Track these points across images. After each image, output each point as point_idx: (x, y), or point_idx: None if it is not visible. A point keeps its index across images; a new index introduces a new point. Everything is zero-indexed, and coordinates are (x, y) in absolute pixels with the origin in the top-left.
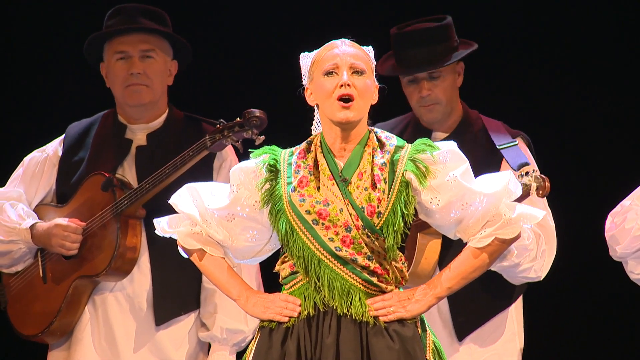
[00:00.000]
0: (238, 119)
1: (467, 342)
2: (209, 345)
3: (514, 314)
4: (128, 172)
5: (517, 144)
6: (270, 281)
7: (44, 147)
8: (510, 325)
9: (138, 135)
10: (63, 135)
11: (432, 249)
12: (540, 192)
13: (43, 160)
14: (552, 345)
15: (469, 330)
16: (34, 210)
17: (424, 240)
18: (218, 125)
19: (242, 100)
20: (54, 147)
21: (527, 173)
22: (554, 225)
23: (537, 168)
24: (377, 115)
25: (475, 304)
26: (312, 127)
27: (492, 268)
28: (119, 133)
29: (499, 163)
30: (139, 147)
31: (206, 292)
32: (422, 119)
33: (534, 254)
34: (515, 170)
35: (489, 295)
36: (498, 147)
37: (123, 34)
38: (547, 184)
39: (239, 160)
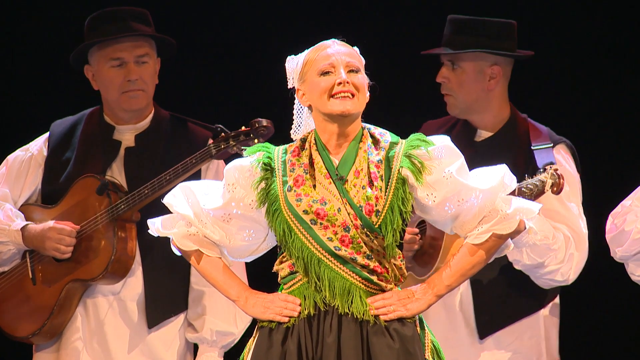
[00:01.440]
0: (244, 127)
1: (490, 343)
2: (194, 346)
3: (543, 320)
4: (117, 173)
5: (551, 147)
6: (269, 281)
7: (27, 145)
8: (538, 330)
9: (126, 136)
10: (47, 134)
11: (458, 245)
12: (555, 188)
13: (28, 160)
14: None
15: (492, 330)
16: (19, 210)
17: (450, 237)
18: (223, 134)
19: (236, 104)
20: (39, 146)
21: (544, 169)
22: (586, 232)
23: (572, 174)
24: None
25: (501, 304)
26: (291, 132)
27: (517, 267)
28: (106, 134)
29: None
30: (127, 148)
31: (195, 294)
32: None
33: (562, 257)
34: (539, 169)
35: (517, 297)
36: (532, 148)
37: (118, 41)
38: (562, 180)
39: (225, 162)
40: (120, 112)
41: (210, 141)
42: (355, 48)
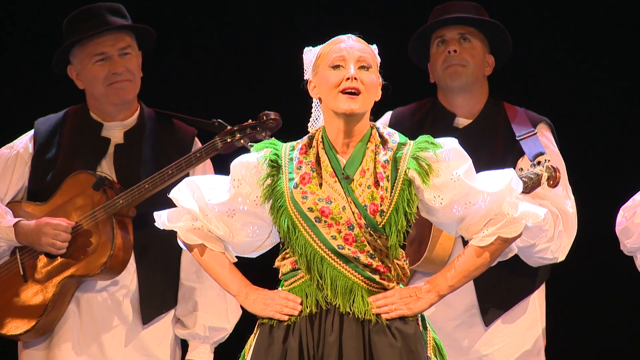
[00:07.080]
0: (251, 120)
1: (490, 327)
2: (183, 341)
3: (537, 300)
4: (107, 170)
5: (535, 134)
6: (270, 276)
7: (12, 143)
8: (532, 311)
9: (115, 133)
10: (32, 131)
11: (447, 235)
12: (551, 182)
13: (13, 157)
14: (567, 337)
15: (497, 315)
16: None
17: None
18: (228, 127)
19: (241, 99)
20: (24, 144)
21: (539, 162)
22: (574, 212)
23: (558, 154)
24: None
25: (500, 288)
26: (309, 124)
27: None
28: (94, 131)
29: (519, 153)
30: (117, 145)
31: (184, 290)
32: (447, 87)
33: (551, 234)
34: (531, 161)
35: (515, 281)
36: (517, 138)
37: (99, 36)
38: (558, 174)
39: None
40: (108, 107)
41: (217, 136)
42: (373, 46)
